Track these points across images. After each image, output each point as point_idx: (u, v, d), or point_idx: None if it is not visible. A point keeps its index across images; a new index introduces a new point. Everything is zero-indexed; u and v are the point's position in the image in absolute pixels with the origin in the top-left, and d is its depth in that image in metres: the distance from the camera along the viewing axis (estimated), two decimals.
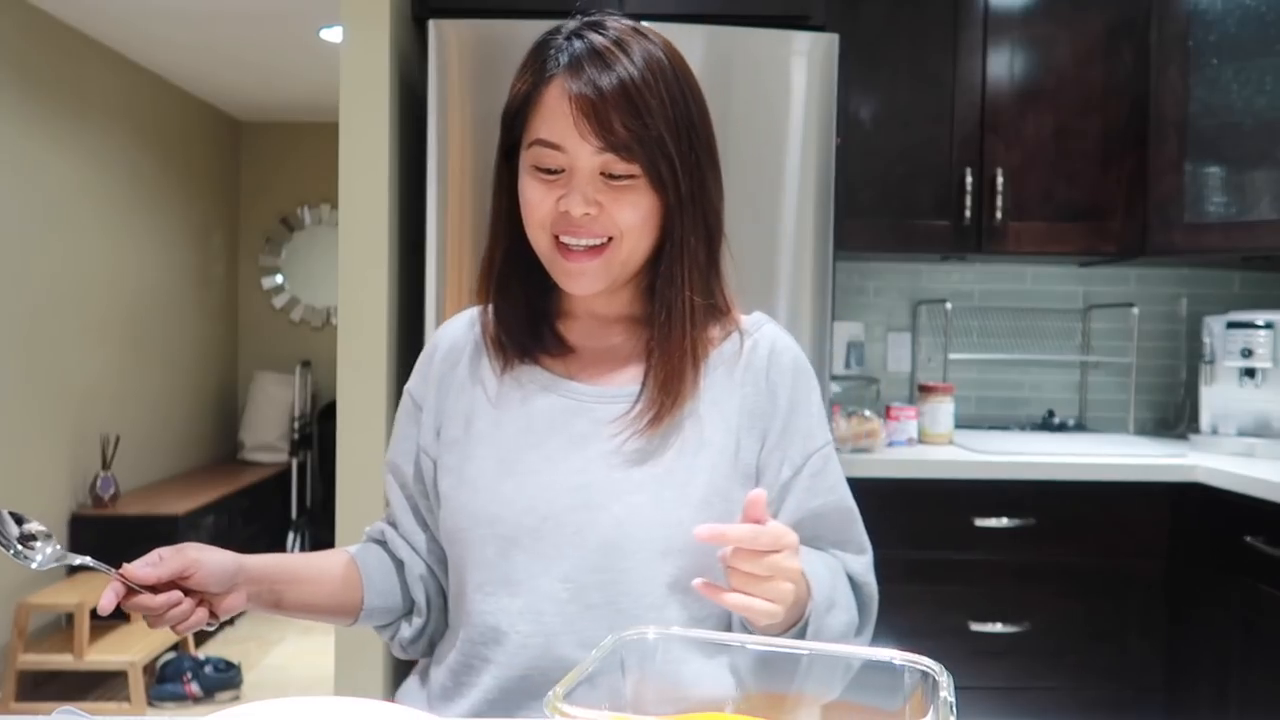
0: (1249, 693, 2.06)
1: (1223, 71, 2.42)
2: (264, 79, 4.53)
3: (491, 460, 0.99)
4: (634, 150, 0.92)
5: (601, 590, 0.94)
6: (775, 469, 1.00)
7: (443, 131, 2.20)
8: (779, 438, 1.00)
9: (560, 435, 0.99)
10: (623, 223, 0.94)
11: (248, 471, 4.77)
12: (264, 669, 3.76)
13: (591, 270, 0.96)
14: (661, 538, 0.94)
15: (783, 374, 1.02)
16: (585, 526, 0.94)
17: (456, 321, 1.11)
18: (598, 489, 0.95)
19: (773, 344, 1.03)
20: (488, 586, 0.97)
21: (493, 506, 0.97)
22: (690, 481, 0.96)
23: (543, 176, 0.95)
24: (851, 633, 1.01)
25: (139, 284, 4.32)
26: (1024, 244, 2.54)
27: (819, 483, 1.01)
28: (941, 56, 2.53)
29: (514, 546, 0.96)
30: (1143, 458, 2.32)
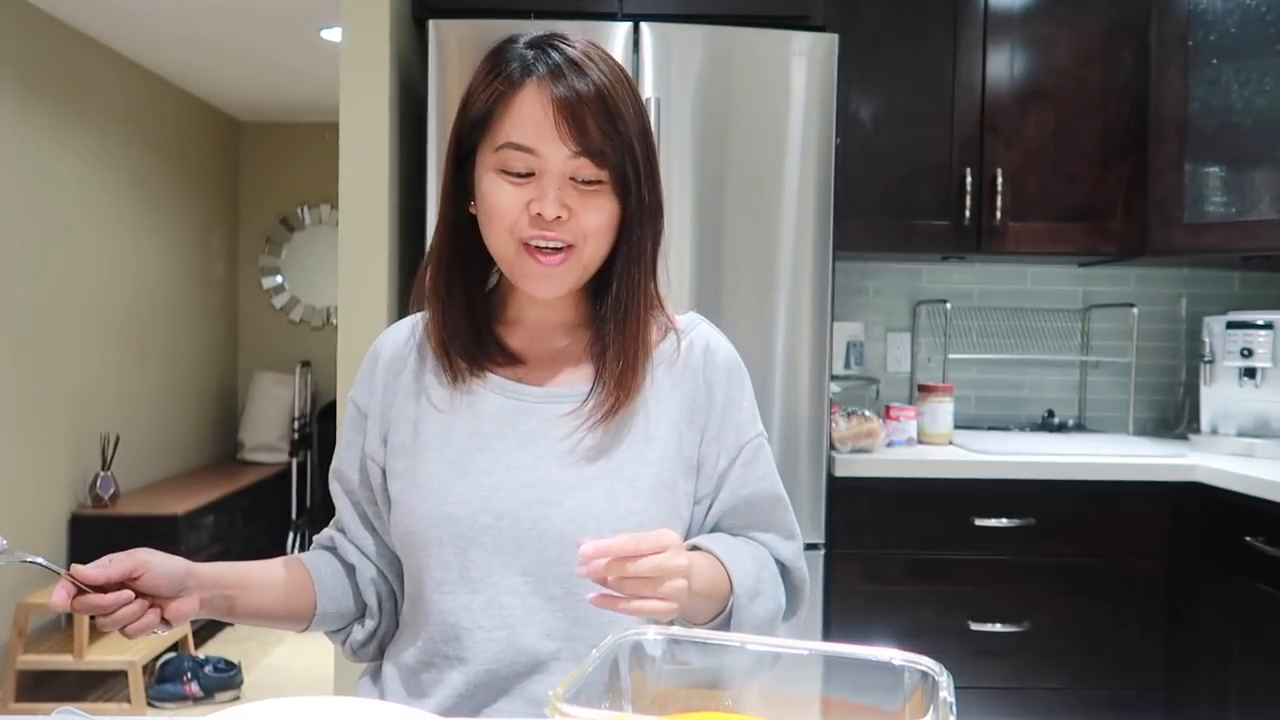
0: (1249, 692, 2.06)
1: (1223, 71, 2.42)
2: (264, 79, 4.53)
3: (442, 463, 1.01)
4: (606, 156, 0.95)
5: (560, 582, 0.97)
6: (713, 460, 1.05)
7: (442, 131, 2.20)
8: (716, 431, 1.05)
9: (509, 436, 1.01)
10: (589, 227, 0.97)
11: (248, 471, 4.76)
12: (264, 669, 3.76)
13: (558, 274, 0.98)
14: (614, 529, 0.95)
15: (718, 371, 1.07)
16: (541, 521, 0.97)
17: (398, 329, 1.12)
18: (551, 485, 0.98)
19: (707, 343, 1.08)
20: (446, 586, 0.99)
21: (446, 507, 0.99)
22: (639, 475, 1.00)
23: (511, 179, 0.96)
24: (778, 618, 1.04)
25: (139, 284, 4.32)
26: (1024, 244, 2.54)
27: (750, 471, 1.07)
28: (941, 56, 2.53)
29: (472, 545, 0.98)
30: (1143, 458, 2.32)
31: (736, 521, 1.07)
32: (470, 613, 0.98)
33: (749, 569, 1.00)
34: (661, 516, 1.00)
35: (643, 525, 0.97)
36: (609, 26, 2.18)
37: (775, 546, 1.08)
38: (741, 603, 0.97)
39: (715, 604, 0.96)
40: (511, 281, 1.03)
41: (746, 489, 1.06)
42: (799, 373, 2.19)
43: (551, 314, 1.07)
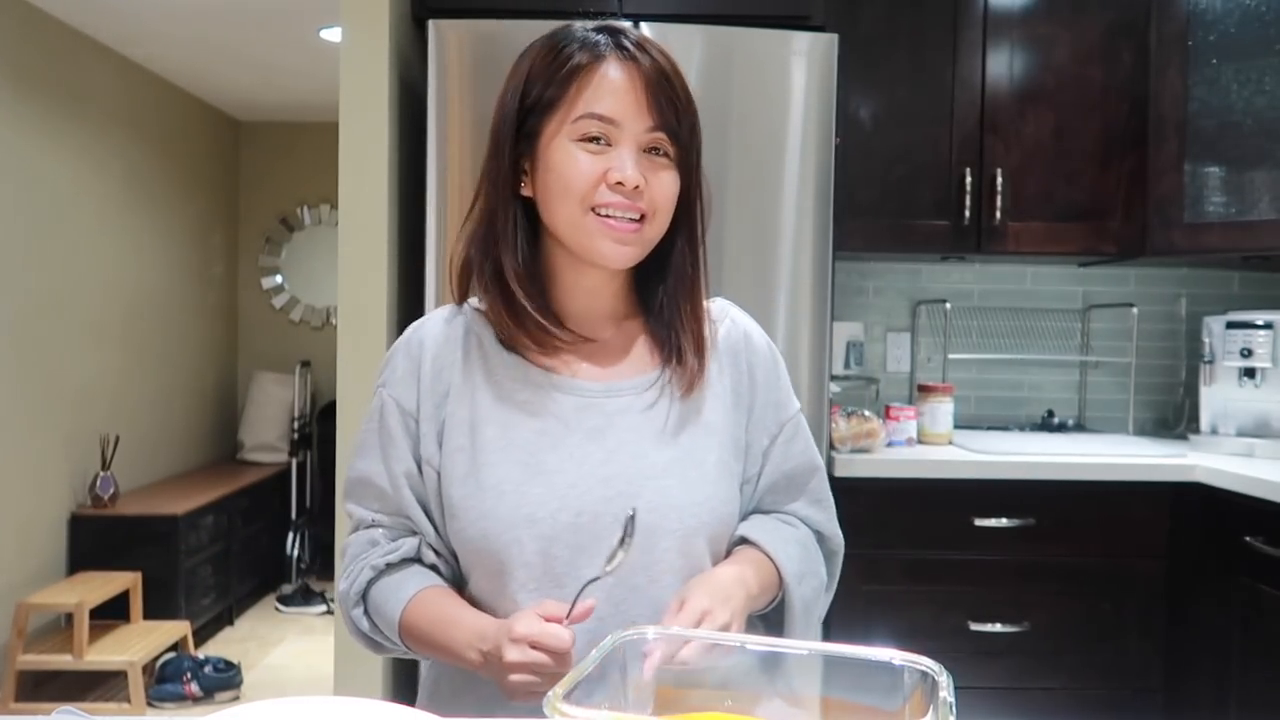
0: (1249, 693, 2.06)
1: (1223, 71, 2.42)
2: (263, 79, 4.53)
3: (511, 465, 1.01)
4: (678, 133, 1.00)
5: (644, 571, 1.00)
6: (758, 440, 1.09)
7: (442, 131, 2.20)
8: (760, 412, 1.10)
9: (576, 432, 1.02)
10: (660, 199, 0.99)
11: (247, 471, 4.76)
12: (264, 669, 3.76)
13: (632, 239, 0.99)
14: (692, 516, 1.01)
15: (756, 354, 1.11)
16: (621, 514, 0.97)
17: (432, 323, 1.09)
18: (626, 478, 1.00)
19: (745, 330, 1.12)
20: (531, 584, 0.99)
21: (525, 509, 0.99)
22: (705, 460, 1.03)
23: (589, 148, 0.98)
24: (822, 592, 1.10)
25: (138, 284, 4.32)
26: (1023, 244, 2.54)
27: (791, 447, 1.12)
28: (941, 56, 2.53)
29: (554, 543, 0.99)
30: (1142, 458, 2.32)
31: (777, 497, 1.12)
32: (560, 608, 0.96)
33: (794, 554, 1.05)
34: (726, 497, 1.04)
35: (715, 509, 1.02)
36: None
37: (811, 515, 1.12)
38: (791, 587, 1.03)
39: (768, 595, 1.03)
40: (578, 254, 1.01)
41: (790, 464, 1.11)
42: (799, 373, 2.19)
43: (597, 302, 1.07)
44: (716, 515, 1.03)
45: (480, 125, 2.21)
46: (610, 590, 0.98)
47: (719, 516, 1.03)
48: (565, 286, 1.06)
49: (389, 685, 2.32)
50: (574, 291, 1.06)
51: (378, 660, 2.28)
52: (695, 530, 1.01)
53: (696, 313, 1.06)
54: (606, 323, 1.08)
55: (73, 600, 3.22)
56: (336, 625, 2.29)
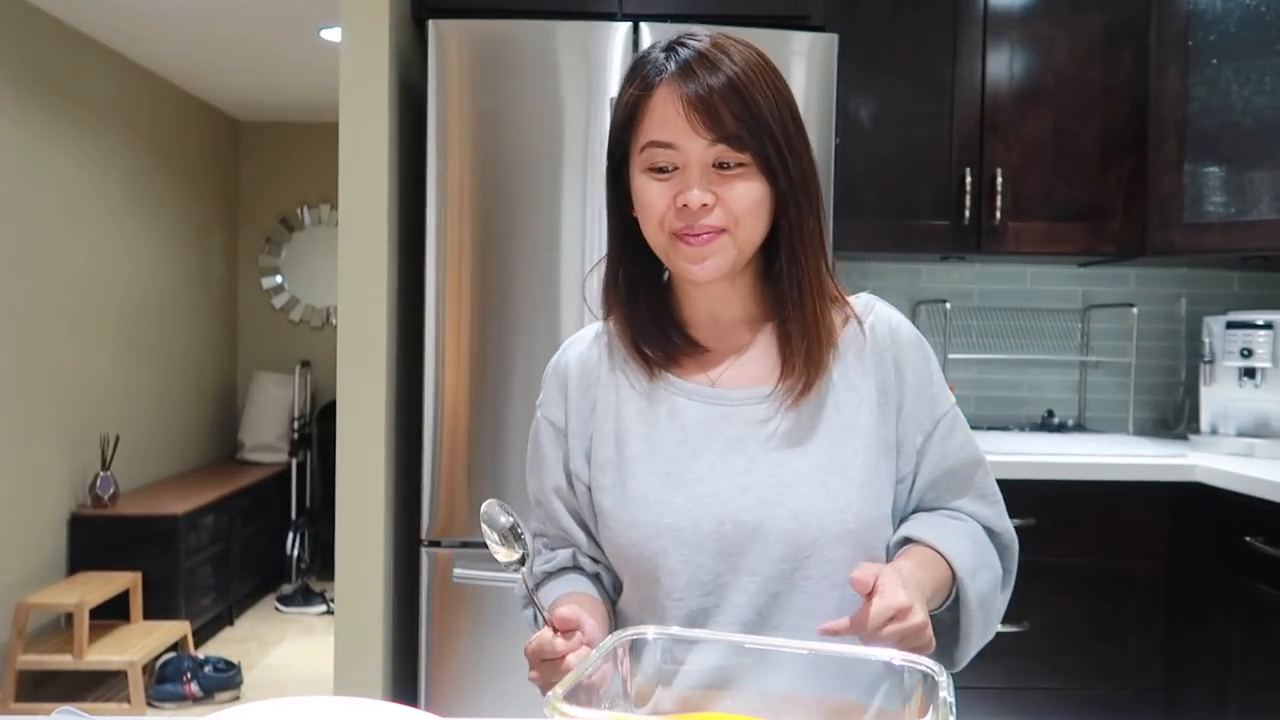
0: (1249, 692, 2.06)
1: (1223, 71, 2.42)
2: (264, 79, 4.53)
3: (654, 475, 1.03)
4: (744, 139, 0.97)
5: (787, 579, 1.00)
6: (911, 438, 1.06)
7: (442, 131, 2.20)
8: (912, 409, 1.06)
9: (716, 442, 1.03)
10: (738, 208, 0.98)
11: (247, 471, 4.76)
12: (264, 669, 3.76)
13: (712, 252, 0.99)
14: (835, 522, 0.99)
15: (904, 350, 1.07)
16: (764, 521, 0.99)
17: (579, 342, 1.14)
18: (767, 486, 1.00)
19: (889, 323, 1.08)
20: (677, 593, 1.01)
21: (668, 518, 1.01)
22: (849, 465, 1.01)
23: (657, 176, 1.00)
24: (998, 587, 1.07)
25: (138, 284, 4.32)
26: (1023, 244, 2.54)
27: (949, 444, 1.07)
28: (941, 56, 2.53)
29: (698, 553, 1.00)
30: (1142, 458, 2.32)
31: (939, 494, 1.09)
32: (706, 614, 1.01)
33: (964, 548, 1.02)
34: (874, 502, 1.02)
35: (860, 515, 1.00)
36: (608, 26, 2.18)
37: (978, 511, 1.09)
38: (965, 583, 1.00)
39: (943, 593, 0.99)
40: (675, 274, 1.06)
41: (949, 461, 1.07)
42: None
43: (723, 309, 1.08)
44: (864, 520, 1.01)
45: (480, 125, 2.21)
46: (753, 597, 0.99)
47: (866, 522, 1.01)
48: (689, 298, 1.08)
49: (389, 685, 2.32)
50: (697, 302, 1.08)
51: (377, 660, 2.28)
52: (840, 537, 1.00)
53: (809, 307, 1.03)
54: (740, 328, 1.08)
55: (73, 600, 3.22)
56: (336, 625, 2.29)
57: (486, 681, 2.23)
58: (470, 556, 2.23)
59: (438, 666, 2.23)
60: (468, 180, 2.21)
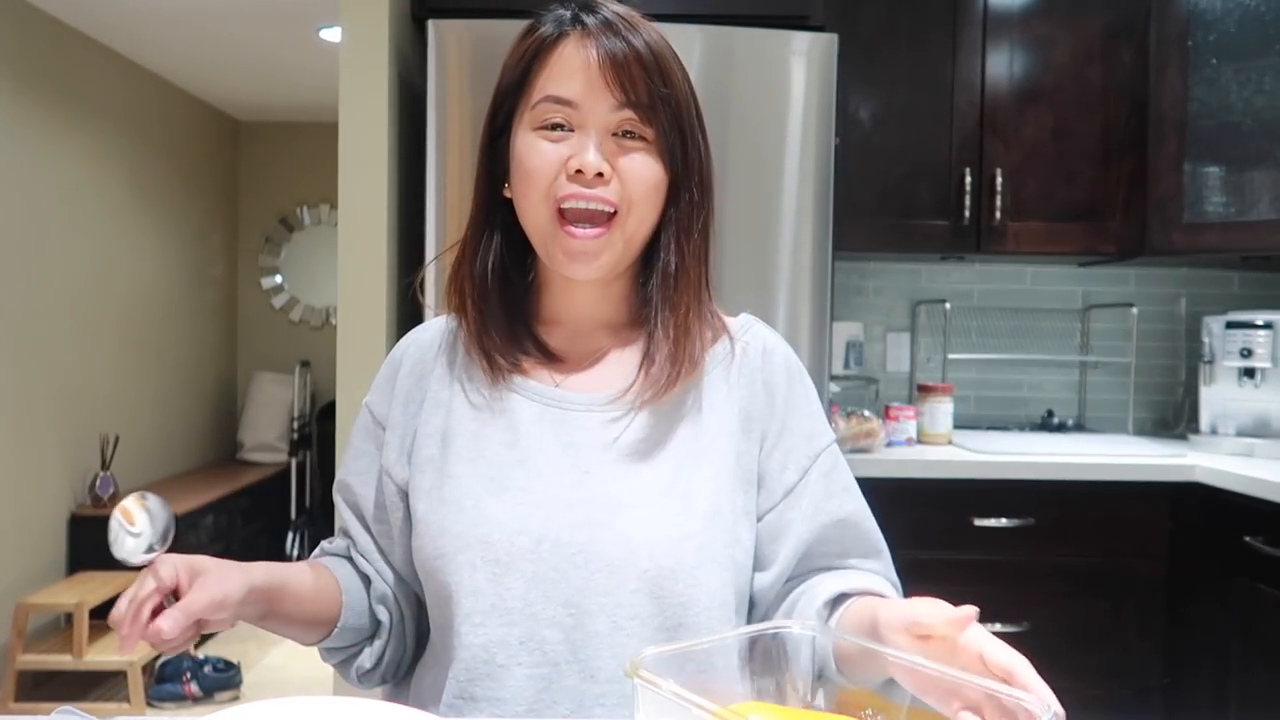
0: (1248, 692, 2.06)
1: (1222, 71, 2.42)
2: (263, 79, 4.53)
3: (475, 478, 0.91)
4: (655, 111, 0.88)
5: (607, 615, 0.86)
6: (776, 473, 0.94)
7: (442, 131, 2.20)
8: (778, 439, 0.95)
9: (549, 448, 0.91)
10: (634, 187, 0.89)
11: (247, 471, 4.76)
12: (263, 669, 3.76)
13: (594, 248, 0.89)
14: (668, 554, 0.86)
15: (776, 374, 0.97)
16: (587, 545, 0.87)
17: (422, 331, 1.03)
18: (597, 504, 0.88)
19: (764, 345, 0.98)
20: (476, 617, 0.88)
21: (480, 528, 0.88)
22: (694, 491, 0.89)
23: (548, 135, 0.89)
24: None
25: (138, 284, 4.32)
26: (1023, 244, 2.54)
27: (833, 483, 0.96)
28: (941, 56, 2.53)
29: (508, 572, 0.87)
30: (1142, 458, 2.32)
31: (830, 549, 0.95)
32: (507, 648, 0.87)
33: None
34: (722, 538, 0.89)
35: (701, 548, 0.87)
36: None
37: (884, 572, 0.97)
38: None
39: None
40: (546, 263, 0.93)
41: (833, 503, 0.95)
42: None
43: (593, 310, 0.97)
44: (705, 556, 0.87)
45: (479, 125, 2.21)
46: (569, 633, 0.86)
47: (709, 558, 0.88)
48: (555, 293, 0.98)
49: None
50: (565, 300, 0.97)
51: None
52: (672, 572, 0.86)
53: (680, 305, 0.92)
54: (603, 331, 0.98)
55: (72, 600, 3.22)
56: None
57: None
58: None
59: None
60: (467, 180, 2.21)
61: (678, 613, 0.87)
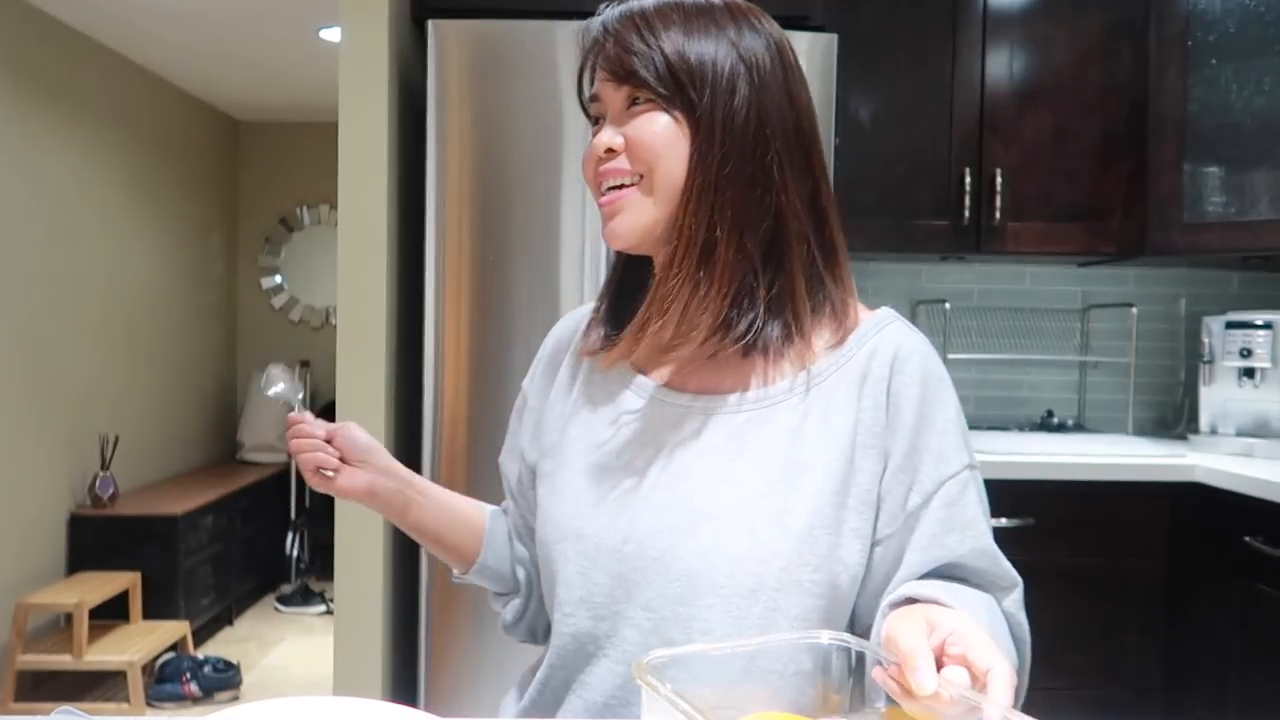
0: (1249, 692, 2.06)
1: (1222, 72, 2.42)
2: (263, 79, 4.53)
3: (579, 470, 0.92)
4: (642, 75, 0.86)
5: (682, 626, 0.84)
6: (900, 496, 0.85)
7: (442, 131, 2.20)
8: (904, 459, 0.85)
9: (647, 447, 0.89)
10: (643, 150, 0.86)
11: (247, 471, 4.76)
12: (263, 669, 3.76)
13: (616, 210, 0.87)
14: (749, 573, 0.82)
15: (907, 385, 0.86)
16: (667, 552, 0.84)
17: (569, 317, 1.06)
18: (683, 511, 0.85)
19: (896, 349, 0.88)
20: (568, 606, 0.90)
21: (574, 521, 0.90)
22: (790, 509, 0.83)
23: (593, 129, 0.93)
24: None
25: (138, 284, 4.32)
26: (1023, 244, 2.54)
27: (956, 515, 0.85)
28: (941, 57, 2.53)
29: (595, 567, 0.88)
30: (1142, 458, 2.32)
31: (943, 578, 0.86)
32: (595, 640, 0.88)
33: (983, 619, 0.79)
34: (813, 564, 0.82)
35: (786, 570, 0.82)
36: None
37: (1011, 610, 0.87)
38: None
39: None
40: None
41: (952, 541, 0.84)
42: None
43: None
44: (790, 579, 0.82)
45: (480, 125, 2.21)
46: (647, 636, 0.85)
47: (793, 581, 0.82)
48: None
49: (388, 685, 2.32)
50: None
51: (377, 660, 2.28)
52: (752, 592, 0.82)
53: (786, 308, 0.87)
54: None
55: (72, 600, 3.22)
56: (336, 625, 2.29)
57: (486, 681, 2.23)
58: None
59: (437, 666, 2.23)
60: (467, 180, 2.21)
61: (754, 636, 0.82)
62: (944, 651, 0.64)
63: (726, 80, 0.85)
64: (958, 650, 0.64)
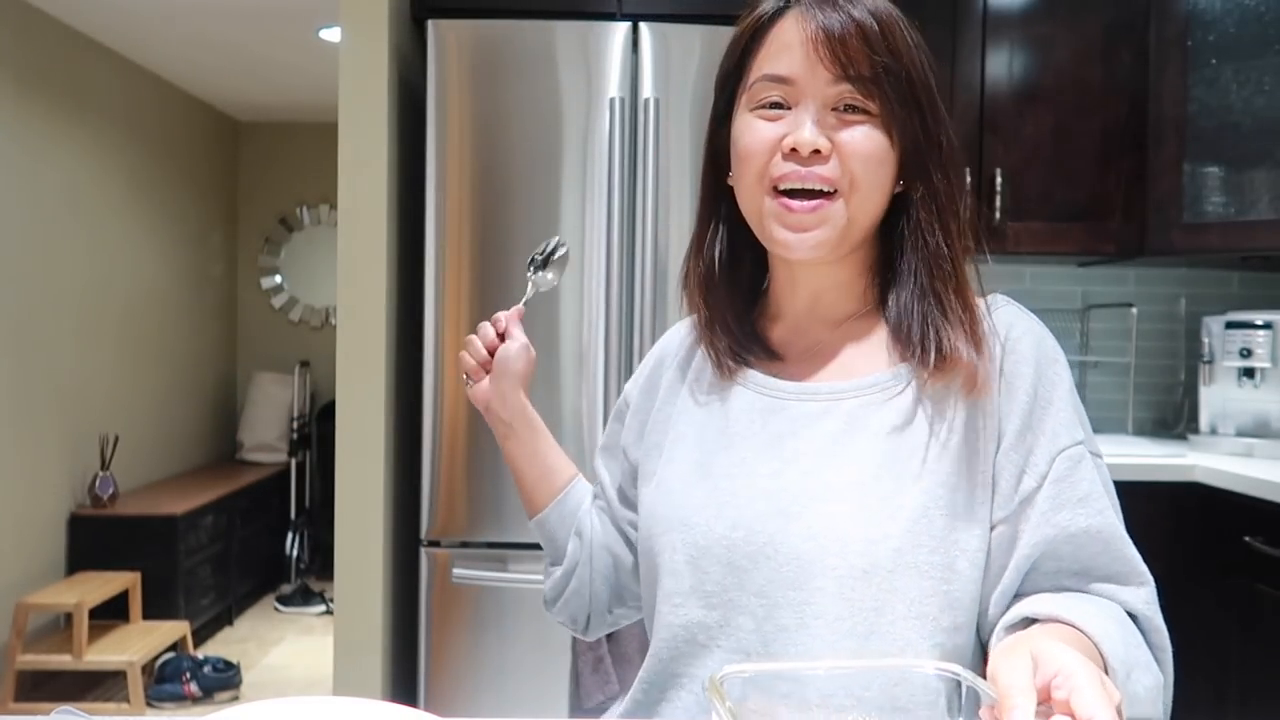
0: (1248, 692, 2.06)
1: (1222, 71, 2.42)
2: (263, 79, 4.53)
3: (687, 463, 0.92)
4: (878, 84, 0.83)
5: (794, 611, 0.82)
6: (1013, 476, 0.84)
7: (442, 131, 2.20)
8: (1016, 439, 0.84)
9: (757, 436, 0.89)
10: (854, 163, 0.83)
11: (247, 471, 4.76)
12: (263, 669, 3.76)
13: (811, 223, 0.84)
14: (861, 554, 0.81)
15: (1021, 364, 0.86)
16: (776, 535, 0.83)
17: (680, 326, 1.07)
18: (792, 495, 0.84)
19: (1009, 328, 0.88)
20: (677, 597, 0.88)
21: (683, 511, 0.89)
22: (901, 491, 0.82)
23: (766, 114, 0.85)
24: (1159, 693, 0.81)
25: (138, 284, 4.32)
26: (1023, 244, 2.54)
27: (1066, 491, 0.83)
28: (940, 56, 2.53)
29: (705, 555, 0.87)
30: (1142, 458, 2.32)
31: (1063, 567, 0.84)
32: (706, 629, 0.87)
33: (1115, 636, 0.75)
34: (928, 544, 0.81)
35: (900, 552, 0.80)
36: (608, 26, 2.18)
37: (1120, 596, 0.84)
38: (1119, 682, 0.73)
39: None
40: (766, 246, 0.90)
41: (1063, 518, 0.83)
42: None
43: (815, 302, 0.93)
44: (904, 561, 0.80)
45: (480, 124, 2.21)
46: (760, 623, 0.84)
47: (908, 563, 0.80)
48: (781, 284, 0.94)
49: (388, 685, 2.32)
50: (792, 290, 0.93)
51: (377, 660, 2.28)
52: (865, 573, 0.81)
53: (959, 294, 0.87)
54: (825, 326, 0.93)
55: (72, 600, 3.22)
56: (336, 625, 2.29)
57: (486, 681, 2.23)
58: (470, 556, 2.23)
59: (437, 666, 2.23)
60: (467, 180, 2.21)
61: (870, 618, 0.81)
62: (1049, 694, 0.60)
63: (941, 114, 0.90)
64: (1062, 695, 0.59)
